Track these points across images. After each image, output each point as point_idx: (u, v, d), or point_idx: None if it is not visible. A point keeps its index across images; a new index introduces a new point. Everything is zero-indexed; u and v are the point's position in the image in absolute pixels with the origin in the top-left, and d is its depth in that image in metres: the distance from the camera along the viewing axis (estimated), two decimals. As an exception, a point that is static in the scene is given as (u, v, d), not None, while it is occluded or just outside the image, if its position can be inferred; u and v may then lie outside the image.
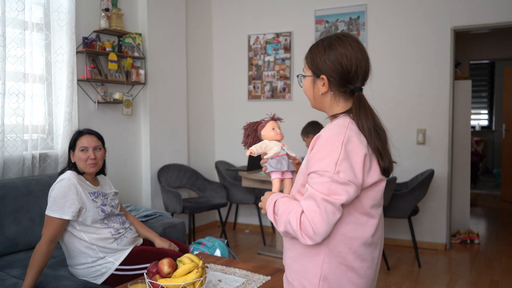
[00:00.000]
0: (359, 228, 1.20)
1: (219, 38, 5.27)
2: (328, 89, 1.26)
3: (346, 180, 1.12)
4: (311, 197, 1.13)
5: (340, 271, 1.20)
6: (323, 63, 1.24)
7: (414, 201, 3.74)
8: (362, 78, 1.26)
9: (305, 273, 1.22)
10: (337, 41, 1.24)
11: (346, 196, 1.12)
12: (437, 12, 4.20)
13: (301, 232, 1.12)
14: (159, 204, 4.28)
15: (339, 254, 1.19)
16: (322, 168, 1.14)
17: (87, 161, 2.33)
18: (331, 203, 1.11)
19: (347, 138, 1.16)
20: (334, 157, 1.13)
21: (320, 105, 1.32)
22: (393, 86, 4.41)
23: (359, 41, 1.26)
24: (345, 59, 1.21)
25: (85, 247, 2.28)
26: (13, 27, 3.00)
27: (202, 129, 5.11)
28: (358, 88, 1.26)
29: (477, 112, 9.50)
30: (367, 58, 1.26)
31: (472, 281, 3.49)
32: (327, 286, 1.20)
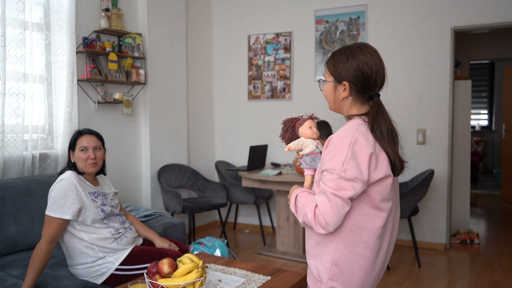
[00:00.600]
0: (368, 220, 1.32)
1: (219, 38, 5.27)
2: (349, 94, 1.38)
3: (352, 177, 1.26)
4: (323, 192, 1.28)
5: (350, 258, 1.32)
6: (346, 70, 1.36)
7: (414, 201, 3.74)
8: (380, 85, 1.38)
9: (320, 258, 1.35)
10: (359, 50, 1.37)
11: (353, 191, 1.26)
12: (437, 12, 4.20)
13: (315, 223, 1.28)
14: (159, 204, 4.28)
15: (350, 243, 1.31)
16: (331, 166, 1.28)
17: (87, 161, 2.33)
18: (339, 197, 1.25)
19: (355, 139, 1.29)
20: (342, 156, 1.27)
21: (339, 109, 1.44)
22: (393, 86, 4.37)
23: (377, 51, 1.39)
24: (366, 67, 1.34)
25: (85, 247, 2.28)
26: (13, 27, 3.00)
27: (202, 129, 5.11)
28: (376, 94, 1.38)
29: (477, 112, 9.49)
30: (383, 66, 1.38)
31: (472, 281, 3.49)
32: (338, 270, 1.33)
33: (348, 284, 1.33)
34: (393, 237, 1.42)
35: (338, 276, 1.33)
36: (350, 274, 1.33)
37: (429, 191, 4.21)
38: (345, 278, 1.33)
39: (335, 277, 1.33)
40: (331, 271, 1.33)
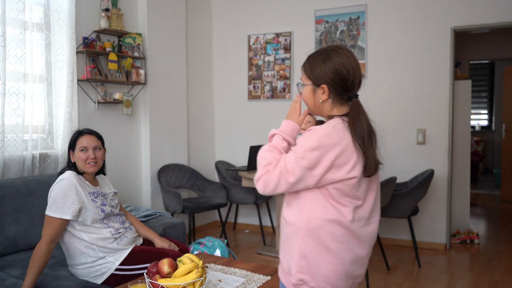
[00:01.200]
0: (332, 213, 1.34)
1: (219, 38, 5.27)
2: (328, 97, 1.38)
3: (305, 166, 1.29)
4: (279, 164, 1.33)
5: (317, 250, 1.34)
6: (323, 73, 1.36)
7: (414, 201, 3.74)
8: (358, 85, 1.39)
9: (289, 251, 1.39)
10: (334, 52, 1.37)
11: (297, 177, 1.30)
12: (437, 12, 4.20)
13: (259, 177, 1.36)
14: (159, 204, 4.28)
15: (317, 235, 1.34)
16: (296, 149, 1.32)
17: (86, 161, 2.33)
18: (284, 176, 1.31)
19: (326, 134, 1.30)
20: (307, 145, 1.30)
21: (319, 111, 1.44)
22: (393, 86, 4.41)
23: (352, 52, 1.40)
24: (343, 69, 1.34)
25: (85, 247, 2.28)
26: (13, 27, 3.00)
27: (202, 129, 5.11)
28: (355, 95, 1.39)
29: (477, 112, 9.49)
30: (359, 67, 1.38)
31: (472, 281, 3.49)
32: (306, 262, 1.35)
33: (316, 276, 1.35)
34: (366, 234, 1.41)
35: (306, 269, 1.35)
36: (317, 266, 1.35)
37: (429, 191, 4.21)
38: (313, 270, 1.35)
39: (303, 269, 1.36)
40: (299, 263, 1.36)
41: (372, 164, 1.34)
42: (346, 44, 4.58)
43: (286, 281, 1.41)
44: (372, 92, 4.49)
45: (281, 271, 1.45)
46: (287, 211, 1.44)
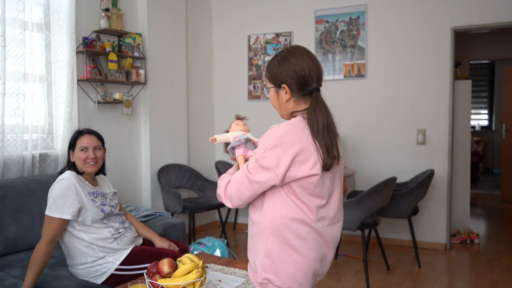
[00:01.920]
0: (296, 211, 1.36)
1: (219, 38, 5.27)
2: (291, 96, 1.44)
3: (267, 165, 1.33)
4: (241, 171, 1.39)
5: (282, 249, 1.36)
6: (280, 74, 1.43)
7: (414, 201, 3.74)
8: (316, 79, 1.44)
9: (255, 250, 1.42)
10: (288, 53, 1.45)
11: (261, 178, 1.34)
12: (437, 12, 4.20)
13: (224, 194, 1.41)
14: (159, 204, 4.28)
15: (281, 233, 1.36)
16: (256, 151, 1.38)
17: (86, 161, 2.33)
18: (248, 179, 1.35)
19: (285, 132, 1.34)
20: (266, 144, 1.35)
21: (285, 112, 1.49)
22: (393, 86, 4.42)
23: (307, 50, 1.46)
24: (298, 66, 1.41)
25: (85, 247, 2.28)
26: (13, 27, 3.00)
27: (202, 129, 5.11)
28: (316, 89, 1.44)
29: (477, 112, 9.49)
30: (317, 62, 1.45)
31: (472, 281, 3.49)
32: (271, 261, 1.37)
33: (281, 274, 1.36)
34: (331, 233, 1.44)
35: (271, 267, 1.37)
36: (282, 265, 1.36)
37: (429, 191, 4.21)
38: (277, 269, 1.36)
39: (268, 268, 1.37)
40: (264, 262, 1.38)
41: (327, 157, 1.35)
42: (346, 44, 4.58)
43: (253, 278, 1.45)
44: (372, 92, 4.49)
45: (249, 269, 1.48)
46: (252, 210, 1.48)
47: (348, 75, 4.59)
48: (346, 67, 4.59)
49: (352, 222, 3.34)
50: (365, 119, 4.54)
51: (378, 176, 4.42)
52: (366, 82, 4.52)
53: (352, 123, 4.58)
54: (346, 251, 4.29)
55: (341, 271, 3.75)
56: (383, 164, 4.48)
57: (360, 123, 4.55)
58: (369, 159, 4.53)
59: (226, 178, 1.46)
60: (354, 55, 4.55)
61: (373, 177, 4.48)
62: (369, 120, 4.52)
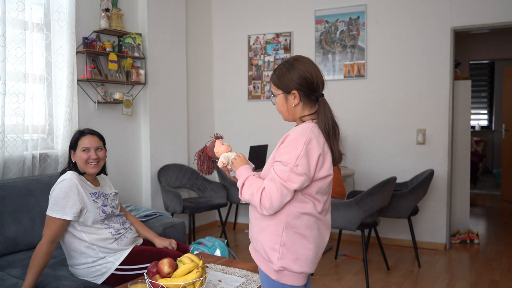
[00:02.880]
0: (309, 207, 1.54)
1: (219, 38, 5.27)
2: (299, 101, 1.57)
3: (302, 172, 1.46)
4: (273, 180, 1.47)
5: (295, 238, 1.53)
6: (291, 80, 1.55)
7: (414, 201, 3.74)
8: (322, 85, 1.59)
9: (269, 242, 1.54)
10: (295, 61, 1.57)
11: (299, 184, 1.46)
12: (437, 12, 4.20)
13: (260, 204, 1.48)
14: (159, 204, 4.28)
15: (295, 225, 1.52)
16: (286, 160, 1.47)
17: (88, 161, 2.33)
18: (286, 188, 1.46)
19: (309, 139, 1.49)
20: (296, 153, 1.47)
21: (293, 116, 1.61)
22: (393, 86, 4.42)
23: (311, 60, 1.60)
24: (307, 73, 1.54)
25: (85, 247, 2.28)
26: (13, 27, 3.00)
27: (202, 129, 5.11)
28: (321, 94, 1.59)
29: (477, 112, 9.49)
30: (319, 70, 1.59)
31: (472, 281, 3.49)
32: (286, 250, 1.53)
33: (295, 260, 1.53)
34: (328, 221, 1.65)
35: (287, 255, 1.53)
36: (296, 252, 1.53)
37: (429, 191, 4.21)
38: (292, 256, 1.53)
39: (284, 256, 1.53)
40: (280, 251, 1.53)
41: (337, 155, 1.56)
42: (346, 44, 4.58)
43: (267, 268, 1.57)
44: (372, 92, 4.50)
45: (260, 260, 1.59)
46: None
47: (348, 75, 4.59)
48: (346, 67, 4.60)
49: (352, 222, 3.34)
50: (365, 119, 4.54)
51: (378, 176, 4.42)
52: (366, 82, 4.52)
53: (352, 123, 4.58)
54: (346, 251, 4.29)
55: (341, 271, 3.75)
56: (383, 164, 4.48)
57: (360, 123, 4.55)
58: (369, 159, 4.53)
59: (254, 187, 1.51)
60: (354, 55, 4.55)
61: (373, 177, 4.48)
62: (369, 120, 4.52)
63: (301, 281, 1.57)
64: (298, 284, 1.56)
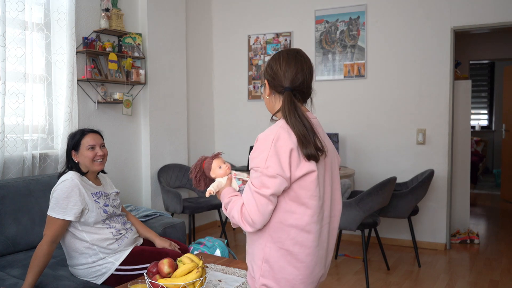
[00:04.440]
0: (295, 217, 1.36)
1: (219, 38, 5.27)
2: (270, 92, 1.50)
3: (274, 173, 1.31)
4: (248, 191, 1.36)
5: (280, 255, 1.36)
6: (265, 70, 1.52)
7: (414, 201, 3.74)
8: (290, 81, 1.44)
9: (253, 255, 1.42)
10: (278, 53, 1.51)
11: (274, 188, 1.31)
12: (437, 12, 4.20)
13: (243, 222, 1.35)
14: (159, 204, 4.28)
15: (279, 239, 1.36)
16: (256, 164, 1.35)
17: (95, 159, 2.33)
18: (262, 195, 1.31)
19: (277, 136, 1.35)
20: (265, 154, 1.34)
21: (271, 108, 1.53)
22: (393, 86, 4.42)
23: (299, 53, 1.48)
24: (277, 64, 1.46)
25: (85, 248, 2.28)
26: (13, 27, 3.00)
27: (202, 129, 5.11)
28: (288, 88, 1.44)
29: (477, 112, 9.49)
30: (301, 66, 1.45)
31: (472, 281, 3.49)
32: (269, 267, 1.37)
33: (279, 280, 1.36)
34: (332, 234, 1.47)
35: (269, 273, 1.37)
36: (280, 270, 1.36)
37: (429, 191, 4.21)
38: (275, 275, 1.36)
39: (266, 273, 1.37)
40: (262, 268, 1.38)
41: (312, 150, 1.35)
42: (346, 44, 4.58)
43: (252, 284, 1.44)
44: (372, 92, 4.50)
45: (248, 275, 1.48)
46: None
47: (348, 75, 4.59)
48: (346, 67, 4.59)
49: (352, 222, 3.34)
50: (365, 119, 4.54)
51: (378, 176, 4.42)
52: (366, 82, 4.52)
53: (352, 123, 4.58)
54: (346, 251, 4.29)
55: (341, 271, 3.75)
56: (383, 164, 4.48)
57: (360, 123, 4.55)
58: (369, 159, 4.53)
59: (234, 207, 1.40)
60: (354, 55, 4.55)
61: (373, 177, 4.48)
62: (369, 120, 4.52)
63: None
64: None
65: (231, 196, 1.47)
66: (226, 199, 1.46)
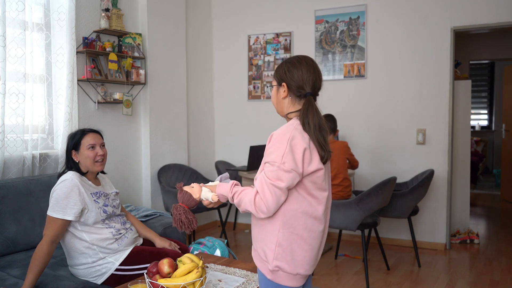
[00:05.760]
0: (306, 205, 1.55)
1: (219, 38, 5.27)
2: (287, 94, 1.63)
3: (290, 168, 1.48)
4: (264, 182, 1.50)
5: (291, 239, 1.54)
6: (284, 74, 1.63)
7: (414, 201, 3.74)
8: (311, 86, 1.61)
9: (265, 240, 1.57)
10: (296, 59, 1.64)
11: (288, 181, 1.48)
12: (437, 12, 4.20)
13: (256, 209, 1.50)
14: (159, 204, 4.28)
15: (291, 225, 1.54)
16: (273, 159, 1.51)
17: (95, 158, 2.33)
18: (277, 187, 1.48)
19: (292, 136, 1.51)
20: (281, 151, 1.50)
21: (281, 108, 1.67)
22: (393, 86, 4.42)
23: (313, 61, 1.66)
24: (300, 71, 1.60)
25: (85, 248, 2.28)
26: (13, 27, 3.00)
27: (202, 129, 5.11)
28: (309, 94, 1.61)
29: (477, 112, 9.49)
30: (318, 73, 1.63)
31: (472, 281, 3.49)
32: (282, 250, 1.54)
33: (290, 261, 1.54)
34: (327, 221, 1.67)
35: (282, 256, 1.54)
36: (291, 253, 1.54)
37: (429, 191, 4.21)
38: (287, 257, 1.54)
39: (279, 256, 1.54)
40: (275, 251, 1.54)
41: (321, 151, 1.55)
42: (346, 44, 4.58)
43: (263, 267, 1.59)
44: (372, 92, 4.50)
45: (257, 259, 1.62)
46: None
47: (348, 75, 4.59)
48: (346, 67, 4.60)
49: (352, 222, 3.34)
50: (365, 119, 4.54)
51: (378, 176, 4.42)
52: (366, 82, 4.52)
53: (352, 123, 4.58)
54: (346, 251, 4.29)
55: (341, 271, 3.75)
56: (383, 164, 4.48)
57: (360, 123, 4.55)
58: (369, 159, 4.53)
59: (246, 198, 1.54)
60: (354, 55, 4.55)
61: (373, 177, 4.48)
62: (369, 120, 4.52)
63: (297, 283, 1.58)
64: (294, 285, 1.57)
65: (231, 189, 1.62)
66: (229, 194, 1.62)
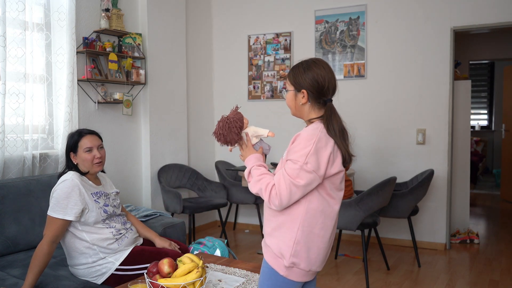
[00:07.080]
0: (325, 205, 1.60)
1: (219, 38, 5.27)
2: (307, 101, 1.64)
3: (311, 169, 1.51)
4: (282, 177, 1.53)
5: (309, 238, 1.59)
6: (303, 80, 1.63)
7: (414, 201, 3.74)
8: (332, 92, 1.65)
9: (283, 238, 1.59)
10: (313, 64, 1.64)
11: (307, 181, 1.51)
12: (437, 12, 4.20)
13: (270, 200, 1.54)
14: (159, 204, 4.28)
15: (310, 224, 1.58)
16: (296, 158, 1.53)
17: (93, 161, 2.33)
18: (294, 185, 1.51)
19: (318, 138, 1.55)
20: (306, 151, 1.52)
21: (300, 113, 1.70)
22: (393, 86, 4.42)
23: (328, 65, 1.67)
24: (320, 77, 1.61)
25: (85, 248, 2.28)
26: (13, 27, 3.00)
27: (202, 129, 5.11)
28: (329, 100, 1.65)
29: (477, 112, 9.50)
30: (334, 77, 1.66)
31: (472, 281, 3.49)
32: (299, 248, 1.58)
33: (305, 259, 1.59)
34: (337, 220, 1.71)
35: (299, 253, 1.58)
36: (307, 251, 1.59)
37: (429, 191, 4.22)
38: (303, 254, 1.59)
39: (296, 253, 1.58)
40: (293, 248, 1.58)
41: (348, 157, 1.63)
42: (346, 44, 4.58)
43: (276, 263, 1.61)
44: (372, 92, 4.50)
45: (271, 255, 1.63)
46: None
47: (348, 75, 4.59)
48: (346, 67, 4.60)
49: (352, 222, 3.34)
50: (365, 119, 4.54)
51: (378, 176, 4.42)
52: (366, 82, 4.52)
53: (352, 123, 4.53)
54: (346, 251, 4.29)
55: (341, 271, 3.75)
56: (383, 164, 4.48)
57: (360, 123, 4.55)
58: (369, 159, 4.54)
59: (262, 179, 1.58)
60: (354, 55, 4.56)
61: (373, 177, 4.48)
62: (369, 120, 4.52)
63: (309, 278, 1.65)
64: (306, 280, 1.64)
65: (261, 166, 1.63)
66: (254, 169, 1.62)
